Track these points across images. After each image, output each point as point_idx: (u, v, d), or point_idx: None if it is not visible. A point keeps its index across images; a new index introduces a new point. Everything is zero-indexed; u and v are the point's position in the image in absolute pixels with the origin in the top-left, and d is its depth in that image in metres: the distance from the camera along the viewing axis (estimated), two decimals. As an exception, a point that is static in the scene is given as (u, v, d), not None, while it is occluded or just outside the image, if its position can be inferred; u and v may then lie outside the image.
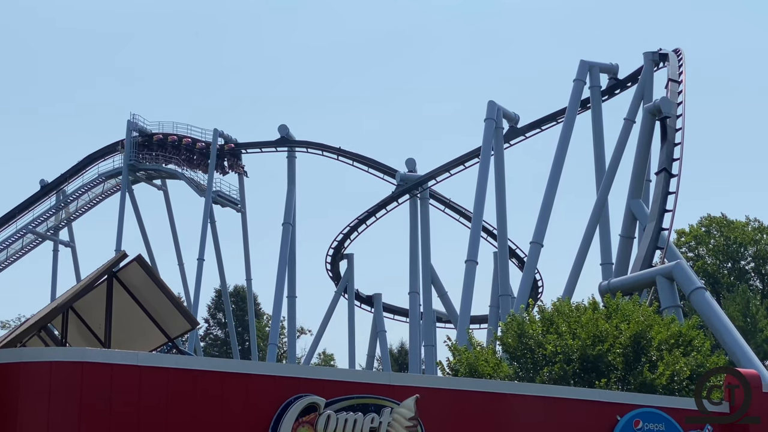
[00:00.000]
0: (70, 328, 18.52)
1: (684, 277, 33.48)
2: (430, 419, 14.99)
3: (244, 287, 65.87)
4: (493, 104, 46.35)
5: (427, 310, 51.12)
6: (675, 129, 38.81)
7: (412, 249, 51.69)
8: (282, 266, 52.55)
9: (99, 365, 13.23)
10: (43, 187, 59.57)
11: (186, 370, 13.76)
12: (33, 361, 13.34)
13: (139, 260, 17.52)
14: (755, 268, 58.02)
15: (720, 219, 58.73)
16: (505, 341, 24.91)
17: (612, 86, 47.45)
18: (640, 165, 40.31)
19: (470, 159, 49.98)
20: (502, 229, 46.41)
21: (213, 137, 57.62)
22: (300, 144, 55.95)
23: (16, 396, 13.12)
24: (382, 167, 54.23)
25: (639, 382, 22.68)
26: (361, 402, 14.42)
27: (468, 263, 42.44)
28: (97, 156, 59.67)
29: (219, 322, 72.80)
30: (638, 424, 16.79)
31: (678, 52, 43.64)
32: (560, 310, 24.82)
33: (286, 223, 53.87)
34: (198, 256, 55.48)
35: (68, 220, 60.62)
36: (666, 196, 37.18)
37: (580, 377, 23.08)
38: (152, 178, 60.45)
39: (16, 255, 59.15)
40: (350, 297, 55.37)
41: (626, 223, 40.10)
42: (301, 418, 13.97)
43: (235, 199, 59.55)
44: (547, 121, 49.25)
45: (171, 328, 18.47)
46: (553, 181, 42.50)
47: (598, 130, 45.26)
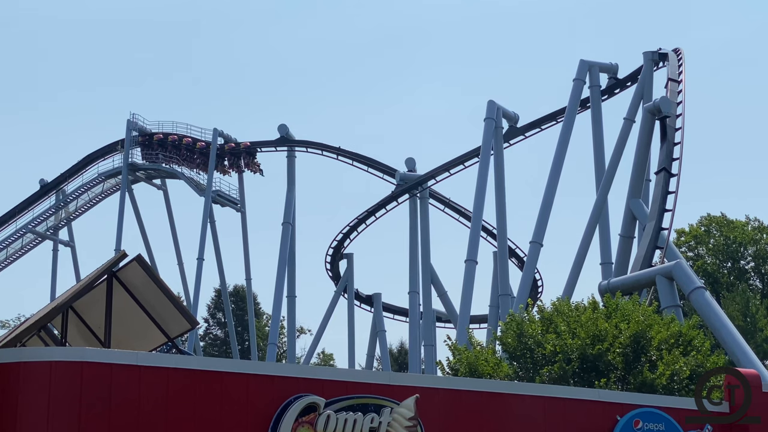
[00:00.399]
0: (70, 327, 18.53)
1: (684, 277, 33.48)
2: (430, 419, 14.99)
3: (243, 287, 65.82)
4: (493, 104, 46.33)
5: (426, 310, 51.11)
6: (675, 128, 38.81)
7: (412, 248, 51.67)
8: (282, 266, 52.54)
9: (99, 365, 13.24)
10: (43, 187, 59.55)
11: (186, 370, 13.76)
12: (33, 361, 13.34)
13: (138, 260, 17.51)
14: (755, 268, 57.96)
15: (720, 218, 58.65)
16: (505, 341, 24.90)
17: (612, 86, 47.45)
18: (640, 164, 40.31)
19: (470, 158, 49.99)
20: (502, 228, 46.39)
21: (213, 137, 57.56)
22: (300, 143, 55.96)
23: (16, 395, 13.12)
24: (382, 167, 54.22)
25: (639, 381, 22.67)
26: (361, 402, 14.41)
27: (468, 263, 42.44)
28: (97, 155, 59.66)
29: (219, 322, 72.76)
30: (638, 424, 16.79)
31: (678, 51, 43.63)
32: (560, 310, 24.79)
33: (285, 223, 53.85)
34: (198, 255, 55.47)
35: (68, 220, 60.61)
36: (666, 196, 37.17)
37: (580, 377, 23.06)
38: (152, 178, 60.41)
39: (15, 254, 59.15)
40: (350, 296, 55.36)
41: (626, 222, 40.09)
42: (300, 418, 13.97)
43: (235, 198, 59.52)
44: (546, 120, 49.26)
45: (171, 327, 18.47)
46: (553, 180, 42.49)
47: (598, 129, 45.22)
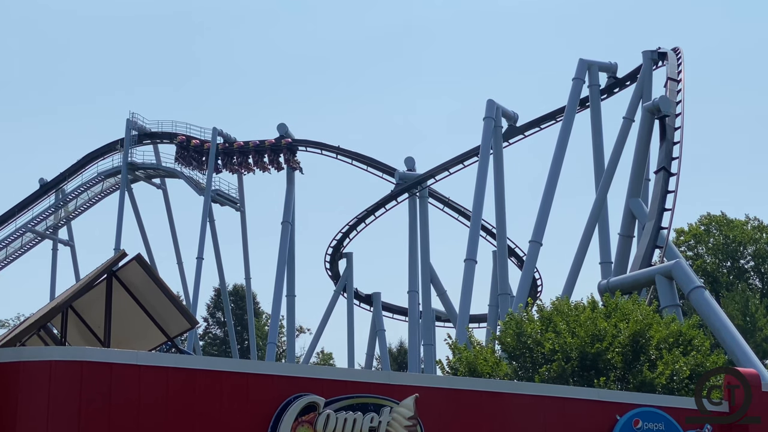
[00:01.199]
0: (70, 327, 18.51)
1: (683, 276, 33.49)
2: (430, 418, 14.98)
3: (243, 286, 65.78)
4: (492, 103, 46.31)
5: (426, 309, 51.09)
6: (674, 128, 38.83)
7: (411, 248, 51.64)
8: (281, 265, 52.53)
9: (98, 364, 13.23)
10: (42, 186, 59.54)
11: (185, 370, 13.76)
12: (32, 361, 13.33)
13: (138, 259, 17.49)
14: (754, 267, 57.95)
15: (719, 218, 58.64)
16: (504, 340, 24.88)
17: (611, 85, 47.44)
18: (639, 164, 40.32)
19: (469, 158, 49.97)
20: (501, 227, 46.37)
21: (212, 136, 57.50)
22: (299, 143, 55.97)
23: (15, 395, 13.11)
24: (381, 166, 54.19)
25: (638, 381, 22.66)
26: (361, 401, 14.41)
27: (467, 262, 42.42)
28: (96, 155, 59.62)
29: (218, 321, 72.73)
30: (638, 424, 16.79)
31: (677, 50, 43.65)
32: (559, 309, 24.78)
33: (285, 222, 53.84)
34: (197, 255, 55.42)
35: (67, 219, 60.58)
36: (665, 195, 37.19)
37: (579, 375, 23.05)
38: (151, 177, 60.36)
39: (15, 254, 59.15)
40: (349, 296, 55.36)
41: (625, 221, 40.10)
42: (300, 417, 13.97)
43: (235, 197, 59.48)
44: (546, 119, 49.25)
45: (170, 327, 18.45)
46: (552, 179, 42.47)
47: (597, 128, 45.21)
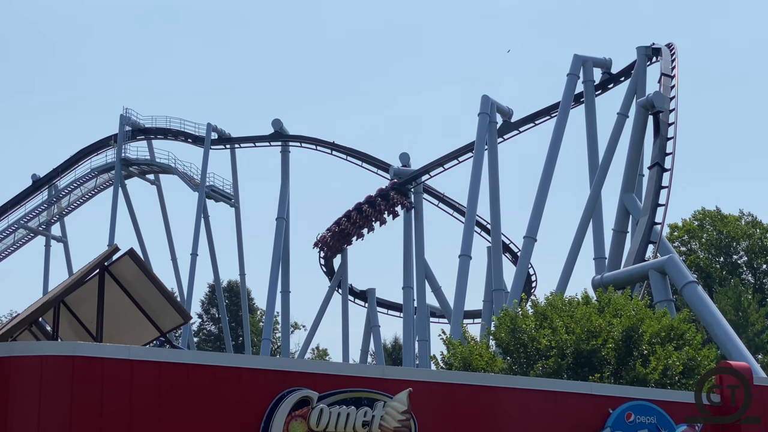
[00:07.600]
0: (62, 322, 18.41)
1: (676, 272, 33.55)
2: (423, 413, 14.96)
3: (237, 282, 65.73)
4: (487, 99, 46.31)
5: (420, 305, 51.12)
6: (668, 123, 38.86)
7: (406, 244, 51.66)
8: (276, 261, 52.48)
9: (90, 359, 13.18)
10: (35, 182, 59.39)
11: (178, 364, 13.71)
12: (24, 355, 13.26)
13: (131, 254, 17.39)
14: (747, 263, 58.08)
15: (713, 213, 58.74)
16: (498, 336, 24.84)
17: (605, 81, 47.43)
18: (633, 159, 40.37)
19: (464, 153, 49.98)
20: (496, 223, 46.40)
21: (206, 131, 57.43)
22: (294, 138, 55.89)
23: (6, 390, 13.05)
24: (376, 162, 54.18)
25: (632, 376, 22.65)
26: (354, 396, 14.38)
27: (461, 258, 42.44)
28: (90, 150, 59.52)
29: (212, 318, 72.67)
30: (630, 417, 16.78)
31: (671, 46, 43.64)
32: (554, 305, 24.76)
33: (279, 218, 53.78)
34: (191, 251, 55.33)
35: (60, 215, 60.44)
36: (659, 191, 37.23)
37: (574, 371, 23.03)
38: (145, 173, 60.26)
39: (7, 250, 59.01)
40: (344, 292, 55.34)
41: (619, 217, 40.14)
42: (293, 411, 13.94)
43: (229, 193, 59.39)
44: (540, 115, 49.27)
45: (163, 322, 18.35)
46: (547, 175, 42.49)
47: (592, 124, 45.22)
